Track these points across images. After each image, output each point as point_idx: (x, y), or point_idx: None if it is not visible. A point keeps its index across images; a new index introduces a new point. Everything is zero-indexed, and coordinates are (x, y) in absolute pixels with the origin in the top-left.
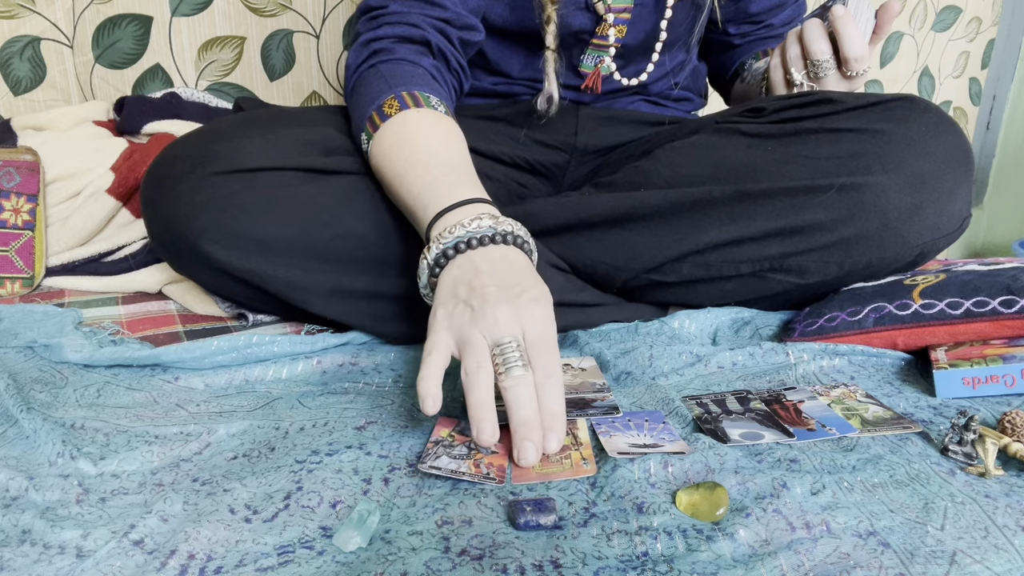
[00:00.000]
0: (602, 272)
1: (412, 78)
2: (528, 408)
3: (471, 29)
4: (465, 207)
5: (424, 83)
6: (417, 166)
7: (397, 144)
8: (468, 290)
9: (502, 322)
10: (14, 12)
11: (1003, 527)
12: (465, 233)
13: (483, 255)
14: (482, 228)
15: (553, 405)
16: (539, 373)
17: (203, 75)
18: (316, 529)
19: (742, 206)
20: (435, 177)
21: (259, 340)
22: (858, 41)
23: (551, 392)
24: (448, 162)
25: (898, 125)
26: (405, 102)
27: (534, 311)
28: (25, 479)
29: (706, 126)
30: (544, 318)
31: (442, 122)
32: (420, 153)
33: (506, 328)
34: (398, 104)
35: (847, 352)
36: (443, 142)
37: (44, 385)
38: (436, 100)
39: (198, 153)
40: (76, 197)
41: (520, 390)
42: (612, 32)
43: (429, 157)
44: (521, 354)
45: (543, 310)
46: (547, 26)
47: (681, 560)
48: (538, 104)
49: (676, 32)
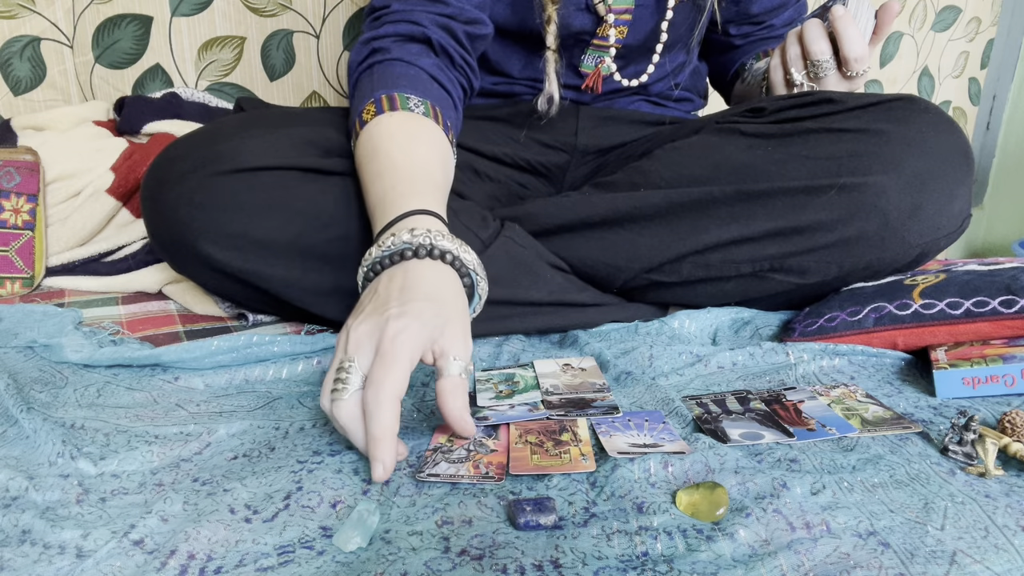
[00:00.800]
0: (602, 272)
1: (398, 79)
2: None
3: (477, 23)
4: (399, 223)
5: (410, 84)
6: (375, 179)
7: (365, 154)
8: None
9: (352, 340)
10: (14, 12)
11: (1003, 527)
12: (380, 254)
13: (387, 275)
14: (395, 245)
15: (373, 429)
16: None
17: (203, 75)
18: (316, 529)
19: (742, 206)
20: (384, 191)
21: (259, 340)
22: (858, 41)
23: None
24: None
25: (898, 125)
26: (382, 106)
27: (389, 328)
28: (25, 479)
29: (706, 126)
30: (396, 333)
31: (410, 124)
32: (380, 164)
33: (353, 346)
34: (374, 109)
35: (847, 352)
36: (404, 150)
37: (44, 385)
38: (416, 100)
39: (198, 153)
40: (76, 197)
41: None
42: (613, 33)
43: (386, 168)
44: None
45: (400, 325)
46: (548, 26)
47: (681, 560)
48: (538, 105)
49: (677, 33)
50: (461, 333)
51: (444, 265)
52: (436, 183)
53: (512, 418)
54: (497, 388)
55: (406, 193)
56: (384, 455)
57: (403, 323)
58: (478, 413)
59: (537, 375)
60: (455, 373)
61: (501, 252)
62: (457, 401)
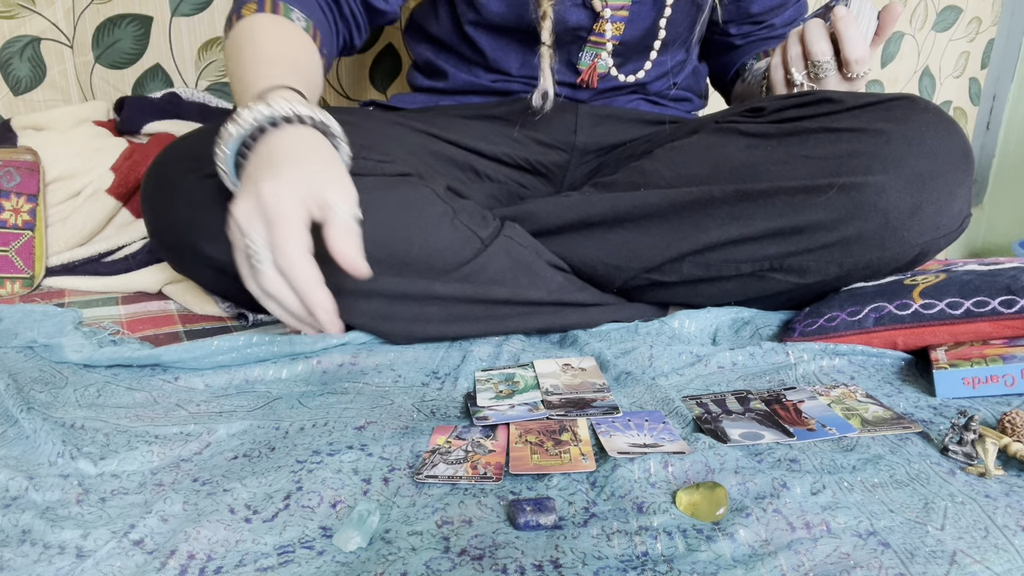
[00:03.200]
0: (602, 272)
1: None
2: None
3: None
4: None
5: (299, 1)
6: (242, 67)
7: (236, 46)
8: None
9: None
10: (14, 12)
11: (1003, 527)
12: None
13: (253, 153)
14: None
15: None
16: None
17: (203, 75)
18: (316, 529)
19: (742, 206)
20: (249, 78)
21: (259, 340)
22: (859, 43)
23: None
24: (269, 60)
25: (898, 125)
26: (263, 6)
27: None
28: (25, 479)
29: (706, 126)
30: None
31: (283, 27)
32: (248, 54)
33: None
34: (256, 7)
35: (847, 352)
36: (275, 45)
37: (44, 385)
38: (299, 15)
39: (198, 153)
40: (76, 197)
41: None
42: (609, 29)
43: (252, 57)
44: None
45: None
46: (543, 22)
47: (681, 560)
48: (533, 100)
49: (675, 31)
50: (339, 181)
51: (305, 127)
52: (297, 70)
53: (512, 418)
54: (497, 388)
55: (264, 78)
56: (319, 301)
57: (274, 184)
58: (478, 413)
59: (537, 375)
60: (344, 214)
61: (501, 251)
62: (348, 241)
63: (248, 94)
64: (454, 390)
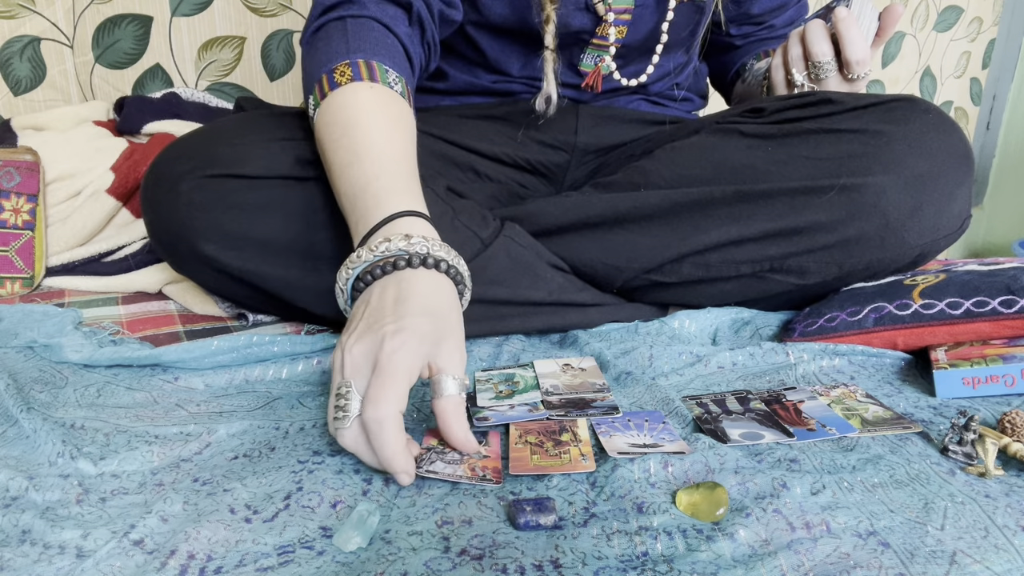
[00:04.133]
0: (602, 272)
1: (376, 45)
2: (367, 457)
3: (452, 6)
4: (388, 225)
5: (388, 54)
6: (352, 161)
7: (336, 123)
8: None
9: (348, 362)
10: (14, 12)
11: (1003, 527)
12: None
13: (380, 285)
14: (390, 251)
15: (381, 451)
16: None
17: (203, 75)
18: (316, 529)
19: (742, 206)
20: (367, 180)
21: (259, 340)
22: (860, 44)
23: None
24: (385, 162)
25: (898, 126)
26: (359, 72)
27: (387, 345)
28: (25, 479)
29: (706, 126)
30: (394, 350)
31: (392, 106)
32: (358, 145)
33: (350, 368)
34: (350, 73)
35: (847, 352)
36: (385, 135)
37: (44, 385)
38: (395, 76)
39: (199, 153)
40: (76, 197)
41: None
42: (612, 32)
43: (365, 151)
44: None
45: (398, 342)
46: (546, 26)
47: (681, 560)
48: (536, 104)
49: (677, 34)
50: (458, 348)
51: (439, 274)
52: (417, 179)
53: (512, 418)
54: (497, 388)
55: (392, 189)
56: (401, 467)
57: (400, 339)
58: (478, 413)
59: (537, 375)
60: (454, 393)
61: (501, 252)
62: (460, 422)
63: (369, 208)
64: None
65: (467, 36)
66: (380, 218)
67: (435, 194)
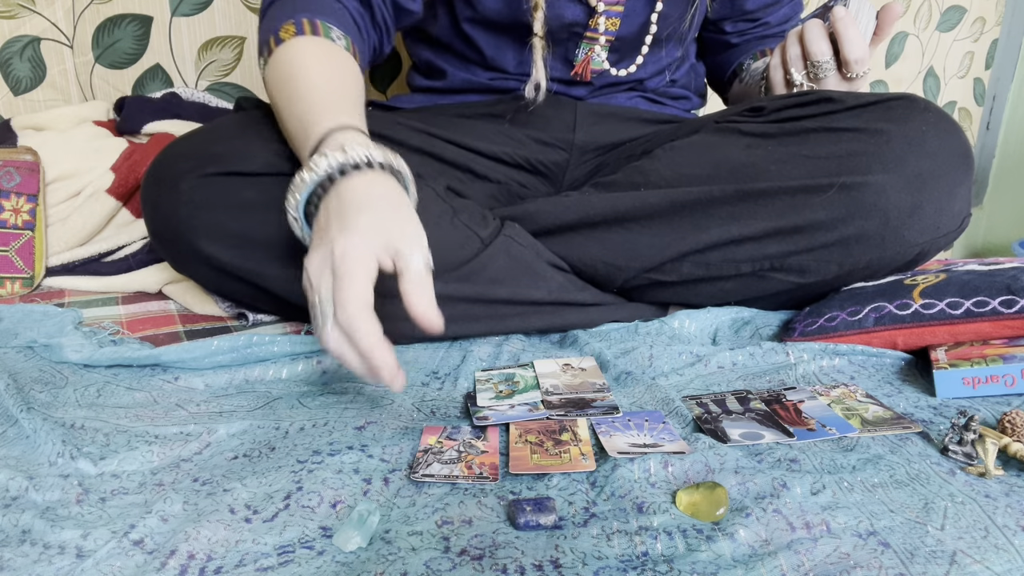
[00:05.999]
0: (602, 272)
1: (321, 7)
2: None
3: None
4: (325, 140)
5: (333, 15)
6: (294, 101)
7: (280, 75)
8: None
9: (311, 277)
10: (14, 12)
11: (1003, 527)
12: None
13: (324, 204)
14: (332, 166)
15: (359, 344)
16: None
17: (203, 75)
18: (316, 529)
19: (742, 205)
20: (304, 112)
21: (259, 340)
22: (858, 43)
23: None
24: (322, 92)
25: (898, 124)
26: (302, 27)
27: (335, 249)
28: (25, 479)
29: (706, 125)
30: (343, 252)
31: (335, 55)
32: (297, 85)
33: (315, 281)
34: (294, 29)
35: (847, 352)
36: (323, 73)
37: (44, 385)
38: (339, 33)
39: (199, 153)
40: (76, 197)
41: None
42: (603, 23)
43: (304, 89)
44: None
45: (344, 242)
46: (535, 12)
47: (681, 560)
48: (526, 92)
49: (669, 26)
50: (412, 229)
51: (374, 172)
52: (354, 102)
53: (512, 418)
54: (497, 388)
55: (327, 111)
56: (381, 360)
57: (345, 239)
58: (478, 413)
59: (537, 375)
60: (417, 266)
61: (501, 251)
62: (423, 294)
63: (309, 133)
64: (454, 390)
65: (463, 33)
66: (315, 140)
67: (435, 193)
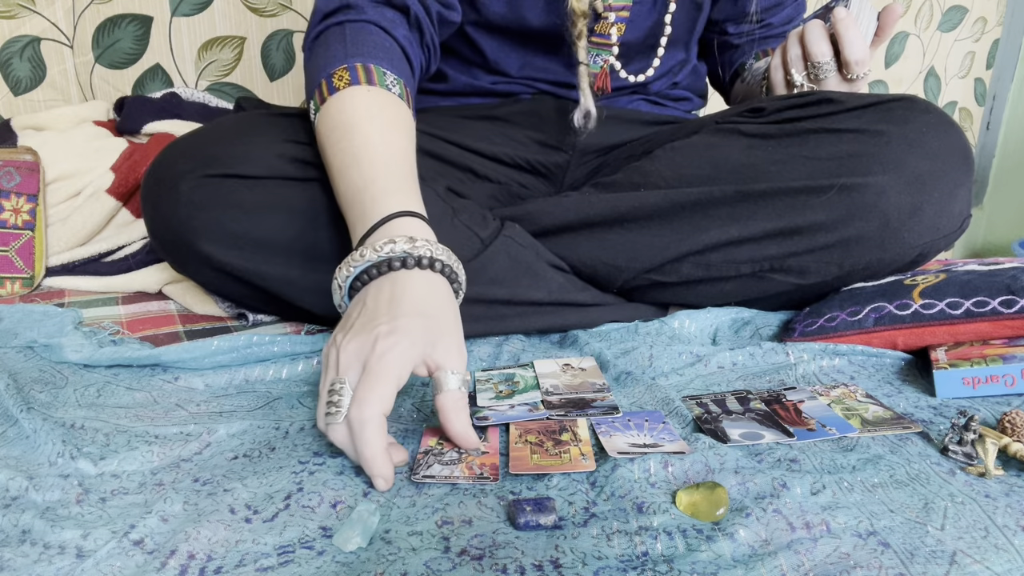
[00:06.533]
0: (602, 272)
1: (374, 49)
2: (353, 455)
3: (450, 7)
4: (386, 225)
5: (385, 57)
6: (351, 164)
7: (336, 127)
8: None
9: (342, 360)
10: (14, 12)
11: (1003, 527)
12: (374, 259)
13: (376, 286)
14: (395, 252)
15: (361, 449)
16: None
17: (203, 75)
18: (316, 529)
19: (742, 206)
20: (365, 183)
21: (259, 340)
22: (859, 44)
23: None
24: (383, 164)
25: (898, 125)
26: (357, 75)
27: (378, 345)
28: (25, 479)
29: (706, 126)
30: (384, 351)
31: (389, 108)
32: (356, 148)
33: (344, 366)
34: (348, 77)
35: (847, 352)
36: (384, 137)
37: (44, 385)
38: (393, 79)
39: (199, 153)
40: (76, 197)
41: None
42: (613, 31)
43: (363, 154)
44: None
45: (389, 343)
46: (578, 41)
47: (681, 560)
48: (575, 120)
49: (677, 31)
50: (456, 345)
51: (434, 274)
52: (415, 179)
53: (512, 418)
54: (497, 388)
55: (390, 190)
56: (379, 470)
57: (392, 340)
58: (478, 413)
59: (537, 375)
60: (454, 387)
61: (501, 252)
62: (460, 417)
63: (367, 210)
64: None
65: (466, 36)
66: (378, 218)
67: (435, 194)
